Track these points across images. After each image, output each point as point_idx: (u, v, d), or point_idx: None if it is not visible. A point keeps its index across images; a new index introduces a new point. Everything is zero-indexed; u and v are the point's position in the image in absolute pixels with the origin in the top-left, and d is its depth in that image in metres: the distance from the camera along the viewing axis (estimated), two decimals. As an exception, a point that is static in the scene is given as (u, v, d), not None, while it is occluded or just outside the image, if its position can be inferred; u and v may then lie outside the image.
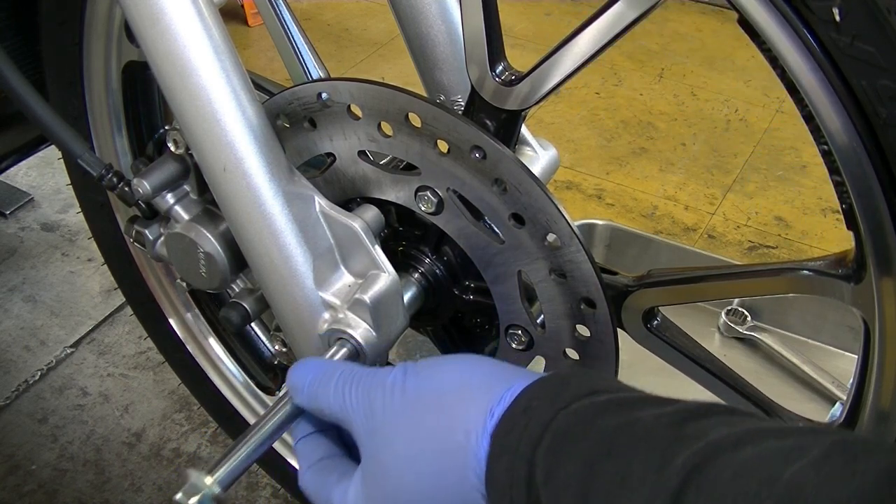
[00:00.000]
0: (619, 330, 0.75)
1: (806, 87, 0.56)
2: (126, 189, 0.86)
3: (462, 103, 0.81)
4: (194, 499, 0.61)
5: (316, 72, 0.96)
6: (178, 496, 0.61)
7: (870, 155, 0.56)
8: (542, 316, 0.77)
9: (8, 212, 2.00)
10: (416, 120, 0.72)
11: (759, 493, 0.42)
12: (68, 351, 1.70)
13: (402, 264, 0.84)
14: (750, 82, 2.49)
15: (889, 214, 0.58)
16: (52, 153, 1.85)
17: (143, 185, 0.84)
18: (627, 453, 0.48)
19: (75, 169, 0.99)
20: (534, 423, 0.52)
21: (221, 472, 0.63)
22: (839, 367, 1.58)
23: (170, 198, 0.86)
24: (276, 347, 0.90)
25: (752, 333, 1.65)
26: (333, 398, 0.64)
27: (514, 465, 0.52)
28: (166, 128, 1.07)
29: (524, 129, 0.89)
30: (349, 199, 0.81)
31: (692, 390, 0.81)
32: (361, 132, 0.75)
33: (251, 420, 1.26)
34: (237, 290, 0.89)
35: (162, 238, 0.90)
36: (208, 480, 0.62)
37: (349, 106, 0.74)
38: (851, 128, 0.56)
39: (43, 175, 2.10)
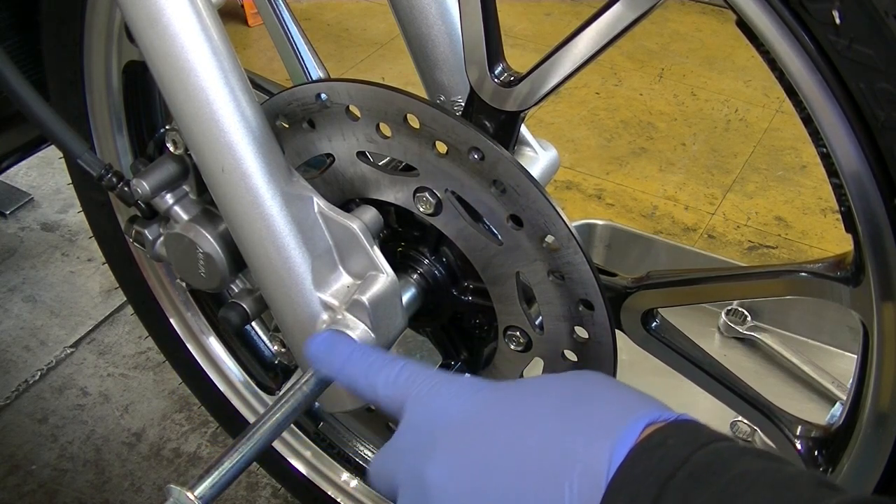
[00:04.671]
0: (617, 331, 0.75)
1: (804, 89, 0.56)
2: (125, 189, 0.86)
3: (462, 104, 0.81)
4: None
5: (315, 72, 0.96)
6: None
7: (868, 158, 0.56)
8: (541, 317, 0.77)
9: (8, 212, 2.00)
10: (414, 121, 0.72)
11: None
12: (68, 351, 1.70)
13: (401, 265, 0.84)
14: (750, 82, 2.49)
15: (887, 217, 0.58)
16: (52, 153, 1.85)
17: (142, 186, 0.84)
18: (769, 494, 0.47)
19: (76, 169, 0.99)
20: (670, 457, 0.50)
21: (204, 486, 0.62)
22: (839, 367, 1.58)
23: (169, 198, 0.86)
24: (276, 348, 0.90)
25: (752, 333, 1.65)
26: (383, 381, 0.63)
27: (638, 494, 0.49)
28: (166, 128, 1.07)
29: (524, 130, 0.89)
30: (348, 200, 0.81)
31: (692, 391, 0.81)
32: (360, 133, 0.75)
33: (251, 419, 1.26)
34: (236, 290, 0.89)
35: (161, 238, 0.90)
36: (190, 496, 0.61)
37: (348, 107, 0.74)
38: (850, 130, 0.56)
39: (43, 175, 2.11)
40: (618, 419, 0.54)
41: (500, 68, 0.73)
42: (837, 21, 0.53)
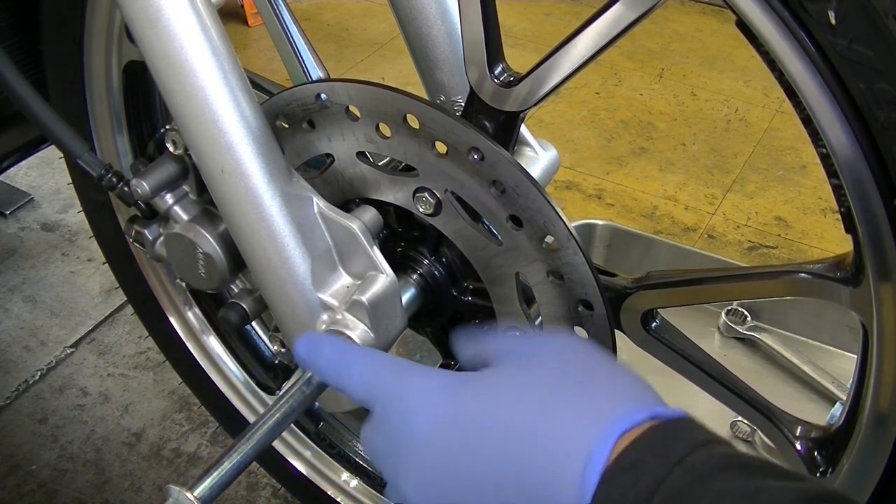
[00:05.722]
0: (617, 331, 0.75)
1: (804, 89, 0.56)
2: (125, 189, 0.86)
3: (462, 104, 0.81)
4: None
5: (315, 72, 0.96)
6: None
7: (867, 158, 0.56)
8: (540, 317, 0.76)
9: (8, 212, 2.00)
10: (414, 121, 0.72)
11: None
12: (68, 351, 1.70)
13: (401, 265, 0.84)
14: (750, 82, 2.49)
15: (887, 218, 0.58)
16: (52, 153, 1.85)
17: (142, 186, 0.84)
18: None
19: (76, 169, 0.99)
20: (644, 479, 0.48)
21: (204, 486, 0.62)
22: (839, 367, 1.58)
23: (169, 198, 0.86)
24: (276, 348, 0.90)
25: (752, 333, 1.65)
26: (358, 379, 0.63)
27: None
28: (166, 128, 1.07)
29: (524, 130, 0.89)
30: (348, 200, 0.81)
31: (692, 391, 0.81)
32: (360, 133, 0.75)
33: (251, 419, 1.26)
34: (236, 290, 0.89)
35: (161, 238, 0.90)
36: (190, 496, 0.61)
37: (347, 107, 0.74)
38: (849, 131, 0.56)
39: (43, 175, 2.10)
40: (590, 431, 0.51)
41: (499, 68, 0.73)
42: (835, 21, 0.53)
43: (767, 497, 0.46)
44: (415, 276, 0.83)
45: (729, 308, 1.67)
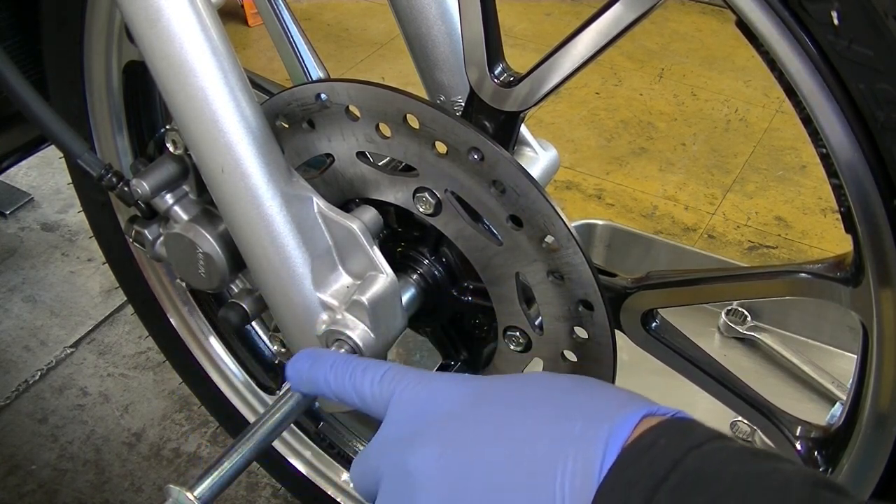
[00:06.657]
0: (617, 331, 0.75)
1: (803, 89, 0.56)
2: (125, 189, 0.86)
3: (462, 104, 0.81)
4: None
5: (315, 72, 0.96)
6: None
7: (867, 158, 0.56)
8: (540, 318, 0.77)
9: (8, 212, 2.00)
10: (414, 121, 0.72)
11: None
12: (68, 351, 1.70)
13: (401, 265, 0.84)
14: (750, 82, 2.49)
15: (887, 218, 0.58)
16: (52, 153, 1.85)
17: (142, 186, 0.84)
18: (762, 500, 0.45)
19: (76, 169, 0.99)
20: (661, 459, 0.48)
21: (203, 486, 0.62)
22: (839, 367, 1.58)
23: (169, 198, 0.86)
24: (276, 348, 0.90)
25: (752, 333, 1.65)
26: (351, 387, 0.62)
27: (629, 499, 0.47)
28: (166, 128, 1.07)
29: (524, 130, 0.89)
30: (348, 200, 0.81)
31: (692, 391, 0.81)
32: (360, 133, 0.75)
33: (251, 419, 1.26)
34: (236, 290, 0.89)
35: (161, 238, 0.90)
36: (190, 496, 0.61)
37: (347, 107, 0.74)
38: (849, 131, 0.56)
39: (43, 175, 2.11)
40: (615, 408, 0.52)
41: (499, 68, 0.73)
42: (836, 22, 0.53)
43: (782, 476, 0.46)
44: (415, 276, 0.83)
45: (729, 308, 1.67)
